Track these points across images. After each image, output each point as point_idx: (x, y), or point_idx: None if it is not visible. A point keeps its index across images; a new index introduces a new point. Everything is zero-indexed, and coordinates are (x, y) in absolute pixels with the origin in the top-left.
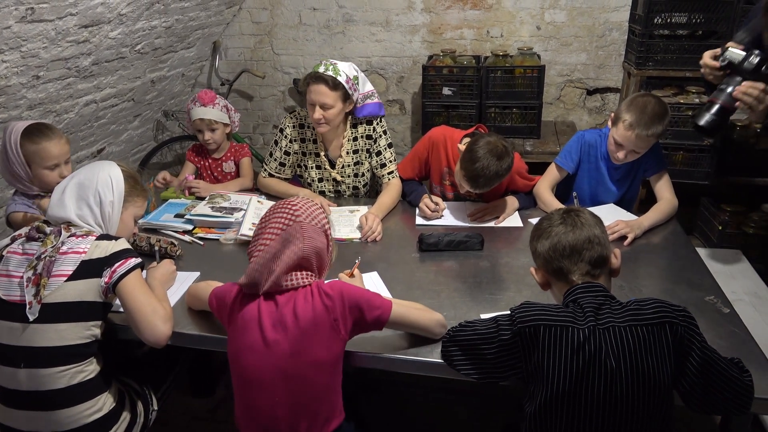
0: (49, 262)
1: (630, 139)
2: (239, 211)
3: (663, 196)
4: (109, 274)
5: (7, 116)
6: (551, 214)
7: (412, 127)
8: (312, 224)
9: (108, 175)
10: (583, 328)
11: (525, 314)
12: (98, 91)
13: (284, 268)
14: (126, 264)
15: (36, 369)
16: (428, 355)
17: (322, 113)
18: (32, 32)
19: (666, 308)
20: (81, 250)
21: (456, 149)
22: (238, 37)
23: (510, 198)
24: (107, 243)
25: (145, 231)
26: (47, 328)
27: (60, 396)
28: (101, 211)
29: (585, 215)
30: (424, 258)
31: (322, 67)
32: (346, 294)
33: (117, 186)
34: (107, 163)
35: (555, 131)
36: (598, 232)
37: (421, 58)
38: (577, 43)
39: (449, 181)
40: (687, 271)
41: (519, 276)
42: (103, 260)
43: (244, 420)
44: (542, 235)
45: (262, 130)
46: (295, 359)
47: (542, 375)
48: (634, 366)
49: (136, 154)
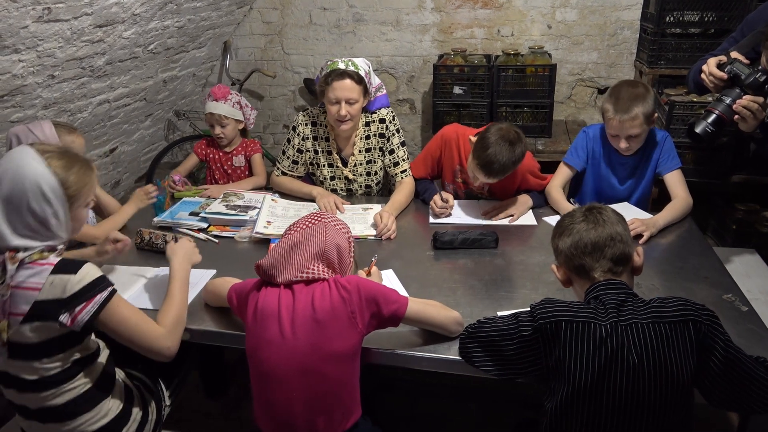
0: (2, 302)
1: (617, 127)
2: (253, 209)
3: (677, 194)
4: (70, 321)
5: (23, 115)
6: (573, 211)
7: (422, 127)
8: (336, 227)
9: (36, 183)
10: (605, 324)
11: (546, 310)
12: (111, 90)
13: (306, 257)
14: (90, 305)
15: (25, 393)
16: (446, 351)
17: (348, 109)
18: (48, 32)
19: (689, 306)
20: (33, 286)
21: (468, 146)
22: (249, 36)
23: (523, 196)
24: (65, 279)
25: (161, 228)
26: (21, 364)
27: (60, 410)
28: (46, 226)
29: (607, 212)
30: (438, 256)
31: (342, 64)
32: (362, 288)
33: (52, 192)
34: (29, 167)
35: (566, 130)
36: (621, 230)
37: (431, 57)
38: (589, 42)
39: (461, 178)
40: (704, 269)
41: (534, 273)
42: (61, 303)
43: (263, 416)
44: (564, 233)
45: (273, 130)
46: (313, 353)
47: (563, 371)
48: (656, 363)
49: (147, 154)
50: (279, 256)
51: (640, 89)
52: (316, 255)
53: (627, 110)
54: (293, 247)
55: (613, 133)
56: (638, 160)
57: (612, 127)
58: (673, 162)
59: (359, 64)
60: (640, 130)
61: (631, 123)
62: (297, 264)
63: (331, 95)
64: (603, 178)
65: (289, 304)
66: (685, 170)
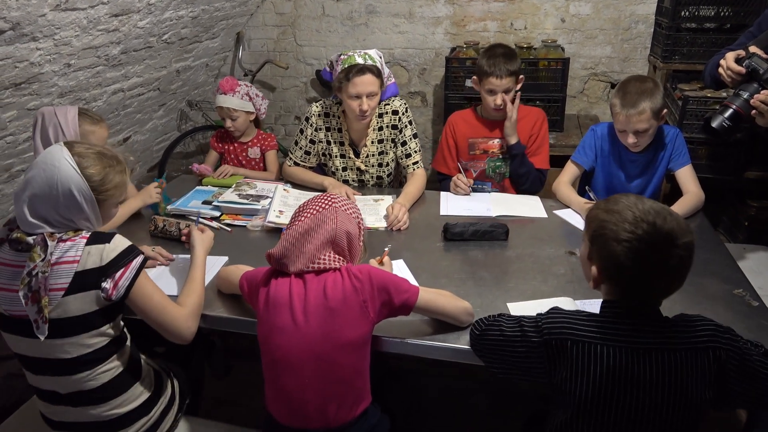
0: (43, 279)
1: (624, 122)
2: (266, 198)
3: (689, 189)
4: (112, 287)
5: (39, 103)
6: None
7: (434, 120)
8: (347, 212)
9: (67, 187)
10: (615, 347)
11: (552, 324)
12: (126, 79)
13: (317, 245)
14: (128, 271)
15: (59, 377)
16: (455, 341)
17: (368, 103)
18: (65, 20)
19: (715, 333)
20: (72, 259)
21: (471, 112)
22: (262, 28)
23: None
24: (100, 248)
25: (174, 216)
26: (59, 343)
27: (93, 394)
28: (77, 225)
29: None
30: (449, 247)
31: (359, 59)
32: (374, 277)
33: (82, 195)
34: (63, 171)
35: (578, 124)
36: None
37: (443, 50)
38: (602, 36)
39: (479, 149)
40: (715, 264)
41: (545, 266)
42: (100, 270)
43: (275, 403)
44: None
45: (284, 121)
46: (324, 341)
47: (569, 392)
48: (670, 389)
49: (160, 144)
50: (289, 245)
51: (648, 84)
52: (326, 243)
53: (634, 105)
54: (303, 235)
55: (621, 128)
56: (649, 157)
57: (619, 122)
58: (684, 158)
59: (374, 57)
60: (647, 125)
61: (638, 118)
62: (308, 253)
63: (352, 91)
64: (613, 175)
65: (301, 292)
66: (699, 166)
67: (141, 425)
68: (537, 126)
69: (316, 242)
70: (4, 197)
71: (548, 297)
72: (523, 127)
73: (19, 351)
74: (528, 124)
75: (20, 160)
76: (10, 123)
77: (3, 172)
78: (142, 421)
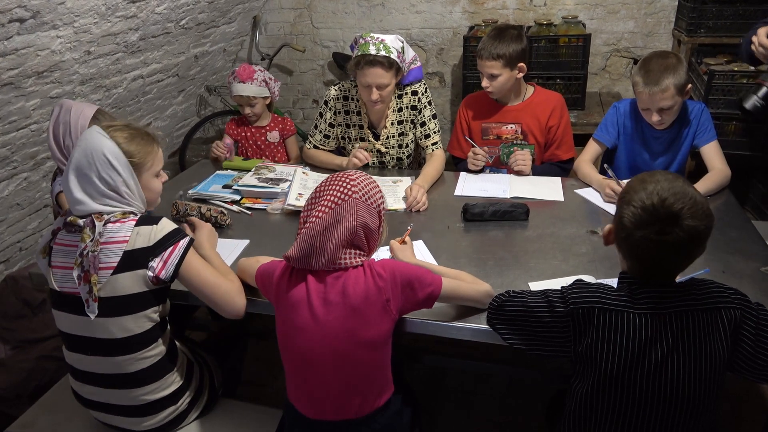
0: (93, 258)
1: (647, 100)
2: (285, 182)
3: (714, 165)
4: (161, 266)
5: (61, 91)
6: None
7: (452, 100)
8: (367, 203)
9: (102, 153)
10: (638, 313)
11: (578, 294)
12: (145, 66)
13: (336, 244)
14: (177, 249)
15: (101, 357)
16: (476, 321)
17: (379, 94)
18: (84, 7)
19: (722, 293)
20: (121, 239)
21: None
22: (278, 11)
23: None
24: (149, 229)
25: (195, 201)
26: (106, 322)
27: (129, 378)
28: (119, 194)
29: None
30: (468, 228)
31: (373, 48)
32: (398, 273)
33: (117, 159)
34: (94, 139)
35: (600, 102)
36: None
37: (461, 29)
38: (625, 11)
39: (493, 134)
40: (741, 241)
41: (565, 245)
42: (148, 250)
43: (297, 396)
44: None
45: (302, 105)
46: (345, 339)
47: (594, 358)
48: (690, 351)
49: (180, 129)
50: (307, 246)
51: (671, 60)
52: (345, 243)
53: (657, 82)
54: (322, 234)
55: (644, 107)
56: (674, 134)
57: (642, 101)
58: (710, 134)
59: (391, 45)
60: (671, 102)
61: (661, 95)
62: (327, 254)
63: (362, 80)
64: (636, 153)
65: (320, 289)
66: (726, 142)
67: (168, 414)
68: (556, 116)
69: (335, 240)
70: (31, 185)
71: (569, 276)
72: (541, 113)
73: (65, 329)
74: (545, 112)
75: (45, 148)
76: (33, 111)
77: (29, 160)
78: (170, 410)
